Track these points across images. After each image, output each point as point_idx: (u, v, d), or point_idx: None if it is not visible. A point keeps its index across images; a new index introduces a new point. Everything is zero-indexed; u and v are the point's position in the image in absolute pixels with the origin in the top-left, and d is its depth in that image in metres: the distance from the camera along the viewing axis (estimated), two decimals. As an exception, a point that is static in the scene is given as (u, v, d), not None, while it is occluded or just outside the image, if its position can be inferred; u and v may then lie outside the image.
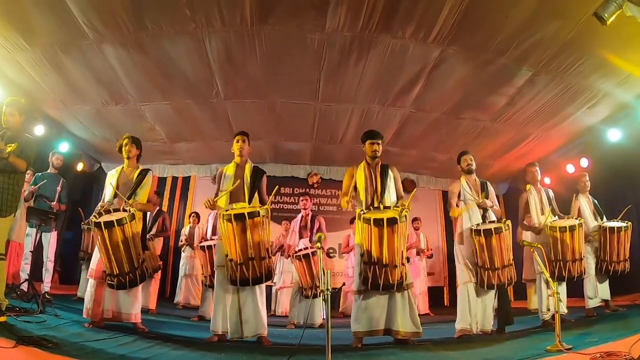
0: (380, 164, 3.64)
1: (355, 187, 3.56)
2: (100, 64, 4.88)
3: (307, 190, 8.33)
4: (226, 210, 3.19)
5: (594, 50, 4.45)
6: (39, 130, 5.85)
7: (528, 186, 4.58)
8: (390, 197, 3.51)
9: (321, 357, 2.27)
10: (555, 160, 7.05)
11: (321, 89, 5.51)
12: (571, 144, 6.74)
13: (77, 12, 4.00)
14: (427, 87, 5.32)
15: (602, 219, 4.78)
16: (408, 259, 6.88)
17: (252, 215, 3.12)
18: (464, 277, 3.70)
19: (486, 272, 3.52)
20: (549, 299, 3.76)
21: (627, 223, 4.57)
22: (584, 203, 4.86)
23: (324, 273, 2.33)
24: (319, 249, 2.64)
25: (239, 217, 3.10)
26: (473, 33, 4.27)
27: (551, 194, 4.57)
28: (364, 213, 3.20)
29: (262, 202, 3.59)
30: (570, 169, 6.80)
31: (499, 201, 8.66)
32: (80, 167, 7.23)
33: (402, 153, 7.46)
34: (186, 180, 8.67)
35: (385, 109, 5.94)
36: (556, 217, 4.39)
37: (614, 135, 5.94)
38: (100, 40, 4.47)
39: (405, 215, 3.13)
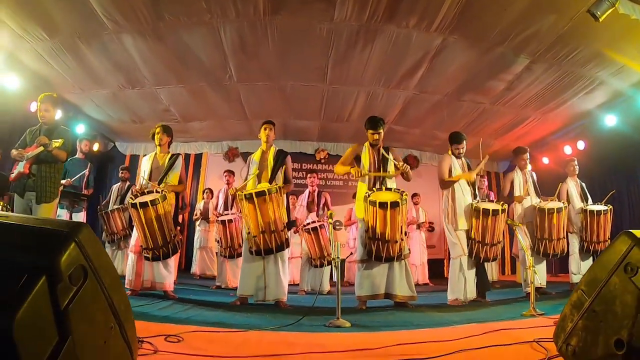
0: (381, 147, 4.07)
1: (356, 161, 4.03)
2: (118, 52, 5.22)
3: (315, 166, 8.79)
4: (241, 192, 3.68)
5: (588, 43, 4.75)
6: (58, 114, 6.27)
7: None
8: (391, 171, 3.97)
9: (331, 316, 2.78)
10: (554, 142, 7.44)
11: (329, 73, 5.86)
12: (569, 127, 7.09)
13: (97, 4, 4.29)
14: (429, 72, 5.65)
15: (587, 202, 5.19)
16: (406, 233, 7.43)
17: (260, 194, 3.60)
18: (457, 251, 4.13)
19: (477, 245, 3.99)
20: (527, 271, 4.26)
21: (608, 207, 4.98)
22: (572, 186, 5.27)
23: (334, 245, 2.83)
24: (330, 224, 3.14)
25: (250, 197, 3.61)
26: (473, 23, 4.56)
27: (534, 177, 5.00)
28: (369, 195, 3.66)
29: (287, 181, 4.05)
30: (567, 150, 7.18)
31: (498, 178, 9.17)
32: (96, 147, 7.70)
33: (406, 131, 7.87)
34: (198, 157, 9.10)
35: (390, 91, 6.29)
36: (539, 199, 4.83)
37: (610, 121, 6.29)
38: (119, 31, 4.78)
39: (406, 199, 3.63)
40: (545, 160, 7.62)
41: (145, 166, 4.21)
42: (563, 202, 4.65)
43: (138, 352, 1.64)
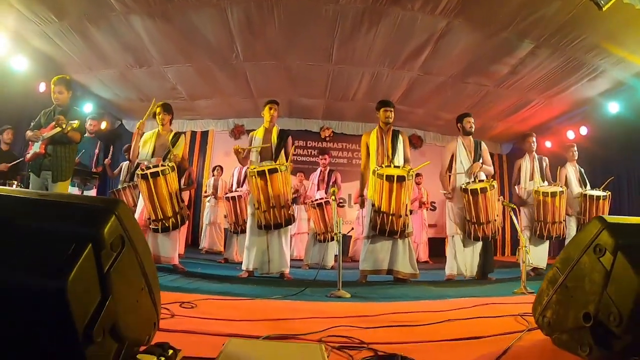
0: (392, 129, 4.25)
1: (368, 152, 4.20)
2: (126, 33, 5.31)
3: (320, 144, 8.93)
4: (253, 168, 3.85)
5: (592, 30, 4.77)
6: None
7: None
8: (399, 159, 4.15)
9: (333, 288, 2.99)
10: (557, 126, 7.51)
11: (334, 53, 5.93)
12: (572, 112, 7.15)
13: None
14: (433, 54, 5.70)
15: (586, 187, 5.32)
16: (411, 211, 7.62)
17: (272, 171, 3.80)
18: (452, 230, 4.36)
19: (473, 226, 4.16)
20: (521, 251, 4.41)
21: (607, 193, 5.11)
22: (571, 171, 5.40)
23: (336, 220, 3.02)
24: (334, 200, 3.31)
25: (262, 174, 3.79)
26: (478, 7, 4.59)
27: (545, 162, 5.14)
28: (377, 169, 3.84)
29: (287, 159, 4.21)
30: (570, 135, 7.26)
31: (502, 160, 9.26)
32: (103, 125, 7.86)
33: (410, 111, 7.95)
34: (204, 134, 9.24)
35: (394, 71, 6.35)
36: (545, 182, 4.97)
37: (613, 108, 6.35)
38: (128, 12, 4.87)
39: (412, 175, 3.82)
40: (548, 144, 7.71)
41: (148, 143, 4.32)
42: (562, 187, 4.78)
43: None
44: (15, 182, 4.17)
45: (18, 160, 4.20)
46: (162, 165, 4.02)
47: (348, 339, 1.59)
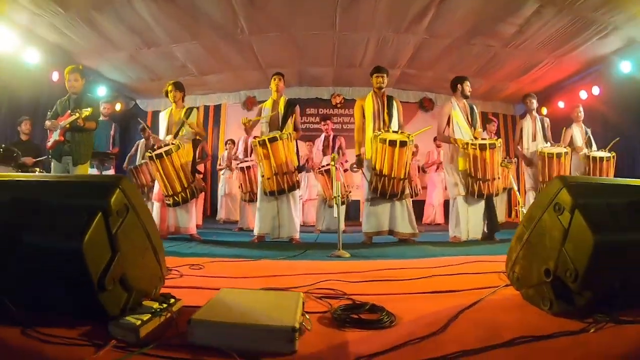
0: (385, 94, 4.36)
1: (363, 115, 4.33)
2: (131, 16, 5.48)
3: (331, 111, 9.03)
4: (254, 138, 4.06)
5: None
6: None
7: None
8: (395, 124, 4.29)
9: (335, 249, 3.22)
10: (569, 86, 7.37)
11: (338, 20, 5.96)
12: (584, 72, 6.99)
13: None
14: (437, 16, 5.66)
15: (591, 148, 5.28)
16: (425, 171, 7.74)
17: (273, 140, 4.02)
18: (454, 192, 4.42)
19: (478, 182, 4.22)
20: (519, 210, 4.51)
21: (611, 154, 5.06)
22: (577, 132, 5.36)
23: (335, 185, 3.25)
24: (333, 166, 3.52)
25: (263, 143, 4.02)
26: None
27: (546, 122, 5.11)
28: (379, 134, 3.98)
29: (296, 129, 4.43)
30: (583, 95, 7.10)
31: (515, 121, 9.14)
32: (118, 107, 8.16)
33: (419, 75, 7.95)
34: (217, 108, 9.46)
35: (399, 35, 6.34)
36: (548, 143, 4.99)
37: (626, 67, 6.17)
38: (130, -4, 5.02)
39: (412, 140, 3.97)
40: (561, 104, 7.58)
41: (162, 122, 4.59)
42: (566, 147, 4.79)
43: (167, 276, 2.12)
44: (38, 170, 4.50)
45: (43, 158, 4.52)
46: (165, 146, 4.26)
47: (332, 291, 1.79)
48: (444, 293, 1.80)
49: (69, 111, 3.96)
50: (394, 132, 4.10)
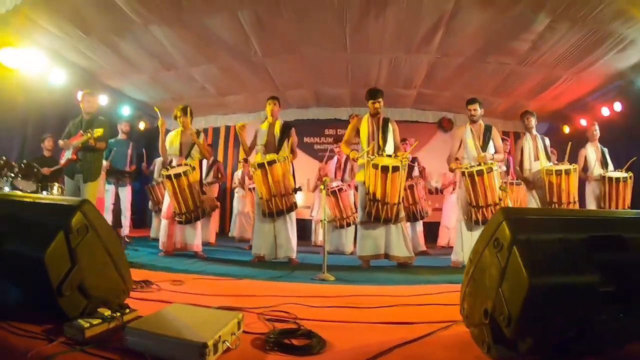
0: (381, 117, 4.53)
1: (358, 135, 4.54)
2: (149, 40, 5.97)
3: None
4: (254, 161, 4.35)
5: None
6: (103, 99, 7.29)
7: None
8: (390, 147, 4.45)
9: (334, 273, 3.41)
10: (591, 103, 7.25)
11: (348, 42, 6.20)
12: (605, 87, 6.88)
13: (122, 2, 4.96)
14: (447, 35, 5.78)
15: (607, 168, 5.18)
16: (441, 192, 7.76)
17: (271, 162, 4.28)
18: (459, 215, 4.52)
19: (474, 209, 4.31)
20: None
21: (628, 174, 4.96)
22: (592, 152, 5.30)
23: (324, 208, 3.45)
24: (323, 190, 3.73)
25: (261, 165, 4.30)
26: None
27: (547, 142, 5.08)
28: (372, 159, 4.15)
29: (293, 152, 4.68)
30: (605, 111, 6.97)
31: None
32: (142, 125, 8.77)
33: (437, 94, 8.05)
34: (239, 128, 9.90)
35: (412, 55, 6.50)
36: (550, 163, 4.93)
37: None
38: (147, 23, 5.49)
39: (405, 164, 4.11)
40: (583, 122, 7.46)
41: (172, 143, 4.96)
42: (572, 165, 4.70)
43: (145, 289, 2.39)
44: (57, 184, 4.98)
45: (57, 167, 4.99)
46: (184, 166, 4.64)
47: (286, 314, 1.93)
48: (396, 325, 1.83)
49: (81, 131, 4.41)
50: (387, 156, 4.25)
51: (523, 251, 1.27)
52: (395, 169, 4.05)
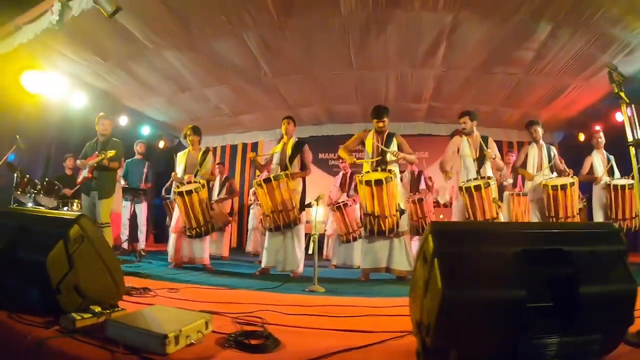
0: (386, 133, 4.75)
1: (363, 146, 4.82)
2: (163, 65, 6.51)
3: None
4: (256, 180, 4.70)
5: (612, 1, 4.70)
6: (123, 120, 7.95)
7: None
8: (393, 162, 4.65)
9: (330, 285, 3.63)
10: (605, 109, 7.23)
11: (354, 61, 6.52)
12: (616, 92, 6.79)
13: (135, 30, 5.48)
14: (450, 49, 6.01)
15: (614, 176, 5.18)
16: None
17: (267, 181, 4.61)
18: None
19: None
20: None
21: (634, 181, 4.90)
22: (598, 160, 5.33)
23: (314, 223, 3.69)
24: (316, 205, 3.98)
25: (259, 184, 4.63)
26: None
27: (553, 151, 5.11)
28: (362, 176, 4.40)
29: (304, 167, 4.98)
30: (619, 117, 6.94)
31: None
32: (162, 144, 9.33)
33: (447, 107, 8.22)
34: (255, 145, 10.33)
35: (417, 70, 6.77)
36: (554, 174, 4.96)
37: None
38: (159, 48, 6.02)
39: (392, 177, 4.27)
40: (598, 128, 7.44)
41: (180, 162, 5.38)
42: (572, 178, 4.72)
43: (144, 294, 2.72)
44: (76, 201, 5.46)
45: (77, 187, 5.48)
46: (195, 183, 5.01)
47: (258, 319, 2.11)
48: (353, 332, 1.95)
49: (96, 152, 4.87)
50: (382, 170, 4.47)
51: (443, 263, 1.31)
52: (378, 182, 4.21)
